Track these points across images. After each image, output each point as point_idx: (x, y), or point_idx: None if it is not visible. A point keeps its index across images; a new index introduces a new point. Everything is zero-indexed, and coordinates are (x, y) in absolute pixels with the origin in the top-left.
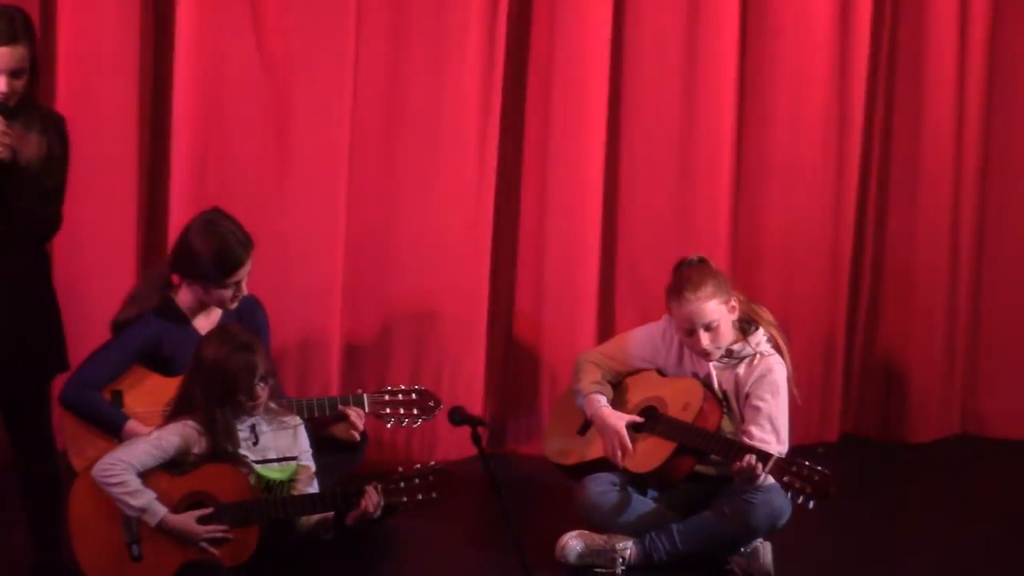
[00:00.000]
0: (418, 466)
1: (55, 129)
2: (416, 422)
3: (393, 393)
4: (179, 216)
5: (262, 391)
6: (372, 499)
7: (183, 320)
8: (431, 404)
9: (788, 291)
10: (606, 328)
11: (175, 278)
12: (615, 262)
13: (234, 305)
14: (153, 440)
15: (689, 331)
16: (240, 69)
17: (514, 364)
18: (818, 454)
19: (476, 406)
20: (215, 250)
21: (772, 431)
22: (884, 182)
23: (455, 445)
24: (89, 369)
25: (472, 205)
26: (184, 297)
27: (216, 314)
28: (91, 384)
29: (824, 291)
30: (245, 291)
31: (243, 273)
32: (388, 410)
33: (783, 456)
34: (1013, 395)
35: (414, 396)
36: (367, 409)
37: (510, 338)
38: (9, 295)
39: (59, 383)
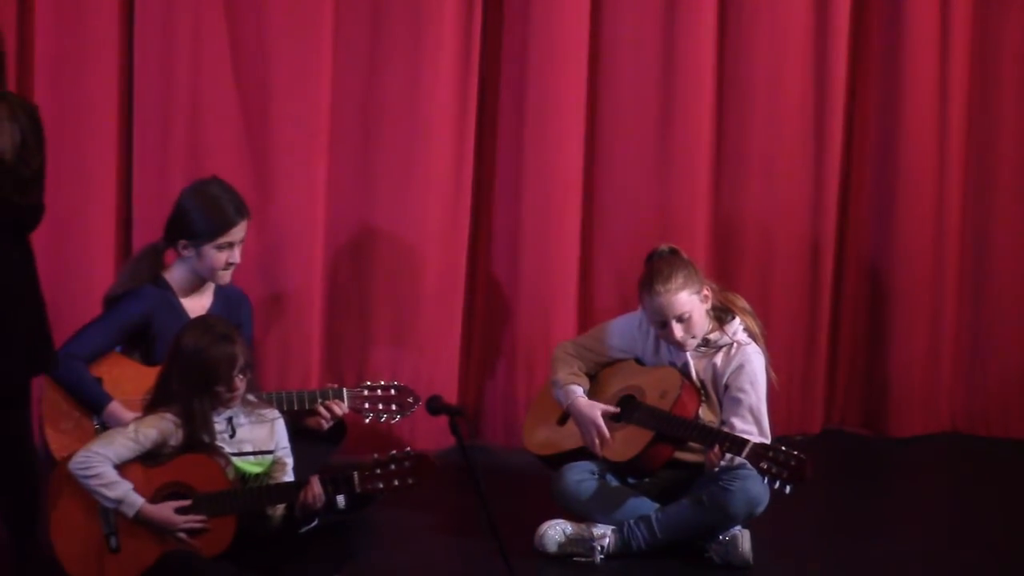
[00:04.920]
0: (394, 452)
1: (27, 116)
2: (394, 418)
3: (372, 388)
4: (147, 211)
5: (240, 383)
6: (313, 490)
7: (173, 297)
8: (410, 400)
9: (768, 281)
10: (584, 317)
11: (169, 256)
12: (593, 253)
13: (226, 278)
14: (130, 432)
15: (662, 323)
16: (215, 58)
17: (491, 355)
18: (796, 442)
19: (452, 396)
20: (207, 207)
21: (754, 422)
22: (865, 171)
23: (434, 436)
24: (78, 342)
25: (450, 198)
26: (176, 275)
27: (207, 297)
28: (79, 356)
29: (806, 281)
30: (238, 259)
31: (236, 235)
32: (367, 405)
33: (762, 443)
34: (1004, 393)
35: (393, 392)
36: (346, 404)
37: (487, 326)
38: None
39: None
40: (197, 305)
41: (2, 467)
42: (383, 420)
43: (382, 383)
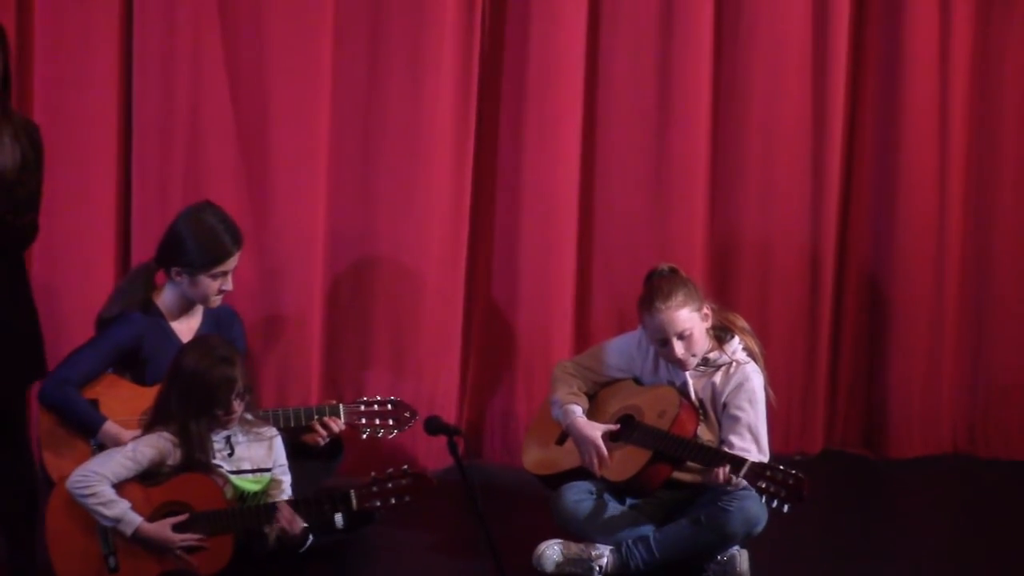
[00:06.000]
0: (390, 470)
1: (28, 137)
2: (391, 433)
3: (369, 404)
4: (146, 230)
5: (238, 406)
6: (283, 515)
7: (163, 321)
8: (407, 415)
9: (766, 299)
10: (582, 336)
11: (159, 278)
12: (591, 270)
13: (217, 302)
14: (128, 452)
15: (662, 341)
16: (214, 77)
17: (490, 374)
18: (795, 461)
19: (451, 415)
20: (202, 237)
21: (752, 440)
22: (865, 189)
23: (433, 455)
24: (68, 366)
25: (448, 217)
26: (166, 298)
27: (196, 318)
28: (70, 381)
29: (805, 300)
30: (230, 287)
31: (230, 265)
32: (364, 420)
33: (760, 462)
34: (1003, 414)
35: (389, 407)
36: (343, 420)
37: (486, 346)
38: None
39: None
40: (187, 327)
41: (1, 481)
42: (380, 435)
43: (378, 398)
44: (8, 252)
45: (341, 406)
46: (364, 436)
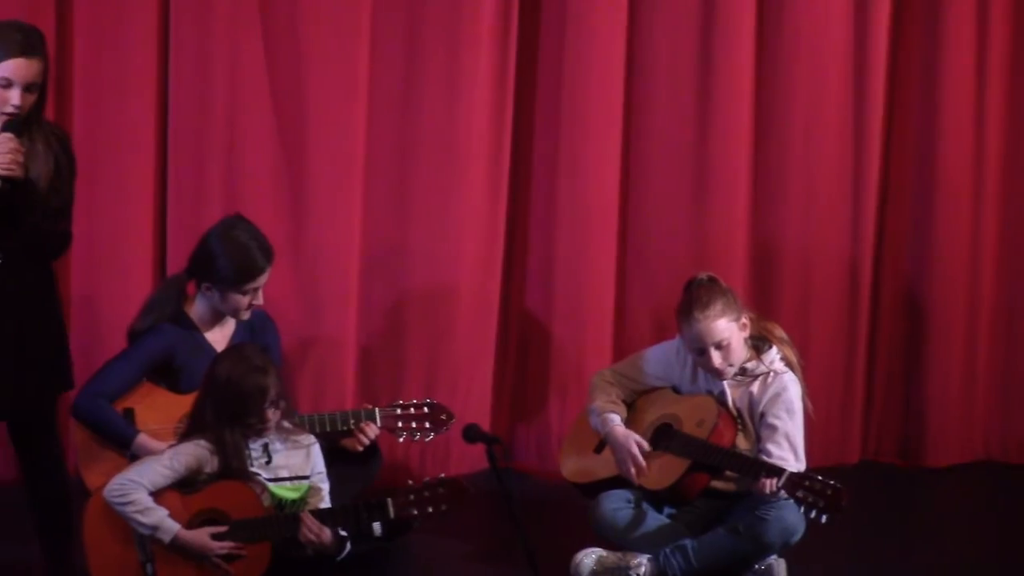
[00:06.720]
0: (427, 479)
1: (61, 145)
2: (428, 436)
3: (405, 407)
4: (183, 239)
5: (272, 414)
6: (307, 525)
7: (196, 332)
8: (443, 417)
9: (807, 309)
10: (621, 345)
11: (191, 288)
12: (629, 281)
13: (247, 316)
14: (164, 460)
15: (700, 350)
16: (251, 86)
17: (524, 382)
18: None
19: (485, 423)
20: (234, 254)
21: (790, 449)
22: (903, 198)
23: (468, 459)
24: (101, 379)
25: (484, 226)
26: (198, 308)
27: (230, 327)
28: (103, 394)
29: (844, 309)
30: (261, 301)
31: (261, 281)
32: (400, 424)
33: (798, 471)
34: None
35: (426, 410)
36: (379, 423)
37: (520, 355)
38: (18, 313)
39: (70, 397)
40: (220, 336)
41: (34, 492)
42: (416, 439)
43: (414, 401)
44: (41, 261)
45: (377, 410)
46: (400, 440)
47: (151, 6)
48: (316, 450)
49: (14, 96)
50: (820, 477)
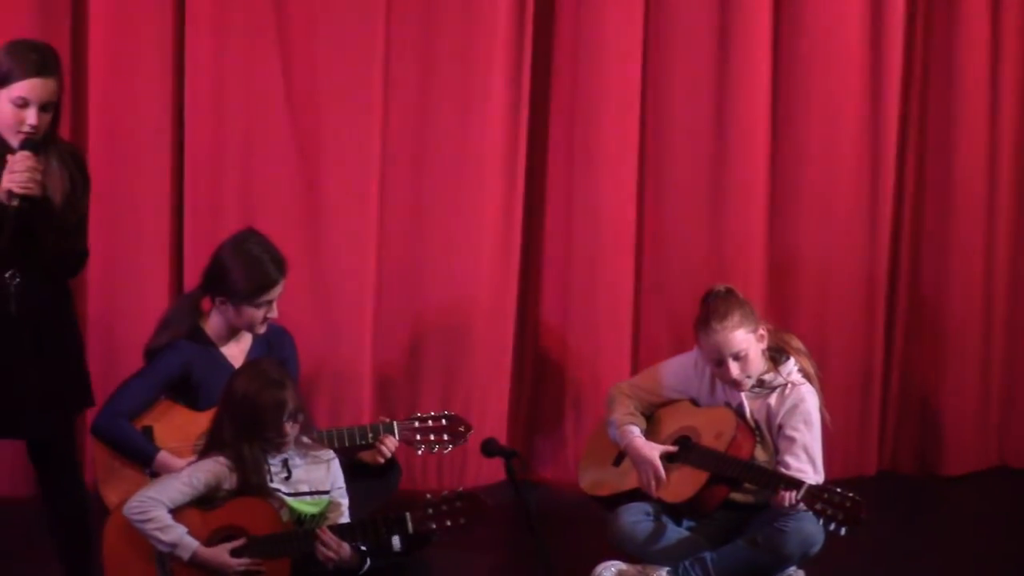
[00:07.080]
0: (445, 492)
1: (75, 163)
2: (447, 448)
3: (423, 420)
4: (199, 251)
5: (291, 428)
6: (323, 541)
7: (212, 347)
8: (461, 429)
9: (824, 320)
10: (638, 357)
11: (206, 304)
12: (645, 291)
13: (262, 329)
14: (184, 477)
15: (718, 361)
16: (267, 101)
17: (540, 395)
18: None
19: (502, 433)
20: (248, 268)
21: (808, 460)
22: (918, 209)
23: (485, 471)
24: (120, 399)
25: (500, 238)
26: (213, 323)
27: (246, 341)
28: (122, 413)
29: (860, 320)
30: (275, 314)
31: (275, 294)
32: (418, 437)
33: (817, 484)
34: None
35: (444, 422)
36: (397, 437)
37: (537, 369)
38: (35, 331)
39: (90, 415)
40: (237, 350)
41: (53, 509)
42: (435, 451)
43: (432, 414)
44: (58, 279)
45: (395, 423)
46: (420, 452)
47: (166, 22)
48: (336, 465)
49: (31, 116)
50: (839, 489)
